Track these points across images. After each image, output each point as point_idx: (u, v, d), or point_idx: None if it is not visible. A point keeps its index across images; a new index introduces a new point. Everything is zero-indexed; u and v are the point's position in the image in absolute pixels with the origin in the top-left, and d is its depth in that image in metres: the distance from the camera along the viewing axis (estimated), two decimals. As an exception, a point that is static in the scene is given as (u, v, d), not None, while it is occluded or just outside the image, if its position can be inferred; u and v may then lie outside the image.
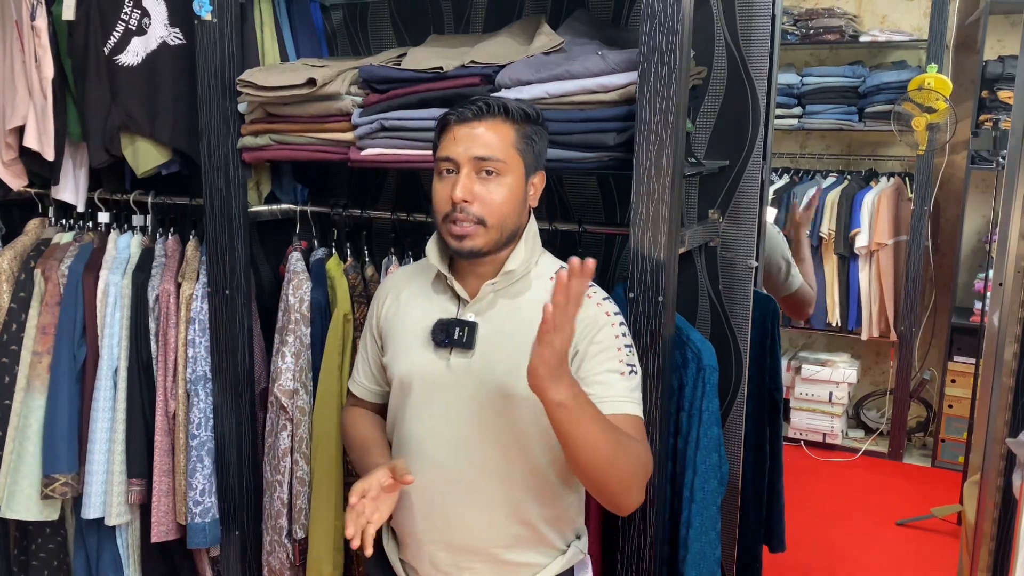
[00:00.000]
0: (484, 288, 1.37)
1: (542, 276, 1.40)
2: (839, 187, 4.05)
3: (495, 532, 1.37)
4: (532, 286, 1.39)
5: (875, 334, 4.05)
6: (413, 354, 1.41)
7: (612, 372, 1.31)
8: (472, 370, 1.36)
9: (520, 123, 1.35)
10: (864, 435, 4.28)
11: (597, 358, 1.32)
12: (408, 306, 1.46)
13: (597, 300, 1.37)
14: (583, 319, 1.29)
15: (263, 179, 2.04)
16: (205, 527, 2.02)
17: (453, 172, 1.33)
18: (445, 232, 1.35)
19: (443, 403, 1.38)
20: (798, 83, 4.18)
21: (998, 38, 3.93)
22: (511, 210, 1.35)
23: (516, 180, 1.35)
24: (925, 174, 3.82)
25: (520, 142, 1.35)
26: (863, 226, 3.93)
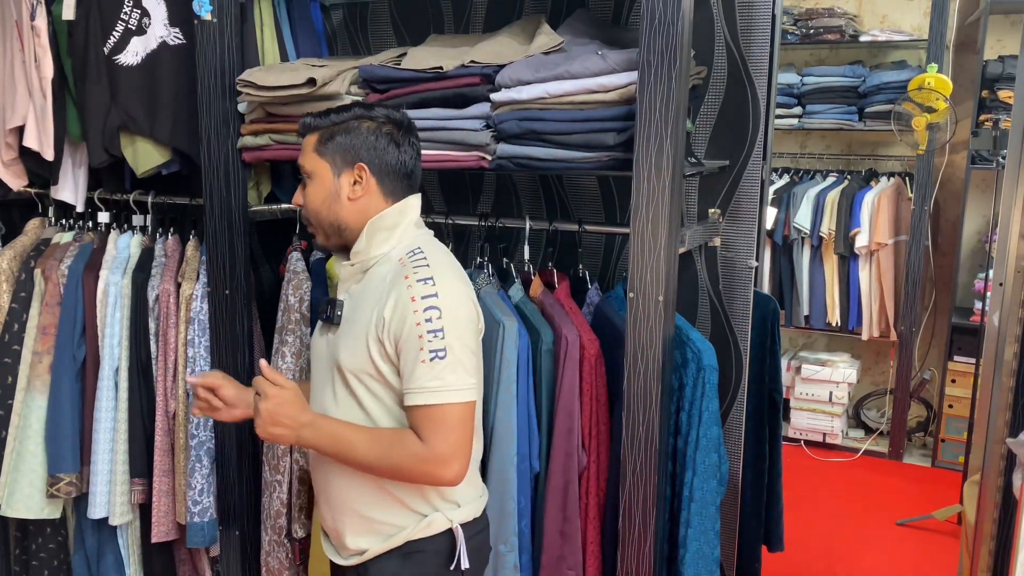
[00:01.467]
0: (343, 269, 1.51)
1: (390, 259, 1.47)
2: (839, 187, 4.05)
3: (354, 491, 1.48)
4: (379, 268, 1.47)
5: (875, 334, 4.05)
6: (315, 332, 1.59)
7: (414, 362, 1.38)
8: (331, 345, 1.49)
9: (323, 128, 1.47)
10: (864, 435, 4.28)
11: (403, 347, 1.39)
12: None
13: (411, 282, 1.40)
14: (394, 301, 1.39)
15: (263, 179, 2.04)
16: (203, 527, 2.02)
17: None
18: None
19: (319, 375, 1.54)
20: (798, 83, 4.18)
21: (998, 38, 3.93)
22: (322, 207, 1.48)
23: (322, 181, 1.47)
24: (925, 174, 3.82)
25: (320, 145, 1.47)
26: (863, 226, 3.93)
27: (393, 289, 1.41)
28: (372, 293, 1.45)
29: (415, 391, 1.38)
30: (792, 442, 4.21)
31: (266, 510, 1.98)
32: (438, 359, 1.37)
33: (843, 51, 4.26)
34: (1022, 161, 1.69)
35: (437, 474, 1.40)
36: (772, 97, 1.88)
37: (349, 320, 1.47)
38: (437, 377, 1.37)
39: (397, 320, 1.39)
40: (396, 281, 1.41)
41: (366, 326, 1.42)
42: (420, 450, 1.38)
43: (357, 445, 1.41)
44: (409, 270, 1.41)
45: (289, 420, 1.40)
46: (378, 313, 1.41)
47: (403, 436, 1.40)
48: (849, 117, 4.08)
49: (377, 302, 1.42)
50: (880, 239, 3.92)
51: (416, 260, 1.43)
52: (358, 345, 1.43)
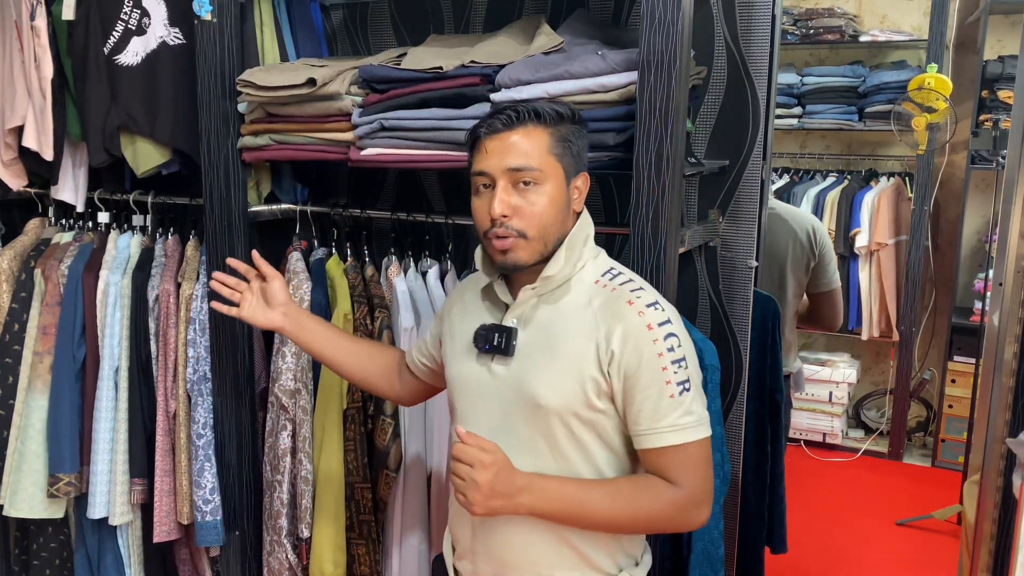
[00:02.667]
0: (523, 293, 1.32)
1: (584, 281, 1.32)
2: (839, 187, 4.05)
3: (535, 549, 1.32)
4: (572, 291, 1.32)
5: (875, 334, 4.05)
6: (462, 360, 1.39)
7: (658, 399, 1.24)
8: (510, 377, 1.31)
9: (554, 125, 1.29)
10: (864, 435, 4.28)
11: (641, 382, 1.24)
12: (463, 312, 1.43)
13: (639, 308, 1.26)
14: (624, 331, 1.25)
15: (263, 179, 2.04)
16: (216, 525, 2.02)
17: (489, 187, 1.29)
18: (488, 247, 1.31)
19: (485, 410, 1.34)
20: (798, 83, 4.18)
21: (998, 38, 3.93)
22: (552, 219, 1.29)
23: (556, 187, 1.29)
24: (925, 174, 3.82)
25: (556, 146, 1.29)
26: (863, 226, 3.93)
27: (615, 317, 1.25)
28: (571, 321, 1.28)
29: (665, 430, 1.23)
30: (792, 442, 4.21)
31: (267, 510, 1.98)
32: (686, 391, 1.24)
33: (843, 51, 4.26)
34: (1022, 161, 1.69)
35: (695, 519, 1.26)
36: (772, 97, 1.88)
37: (542, 352, 1.29)
38: (689, 412, 1.24)
39: (631, 352, 1.23)
40: (615, 307, 1.26)
41: (578, 360, 1.26)
42: (677, 495, 1.24)
43: (594, 503, 1.24)
44: (627, 294, 1.27)
45: (507, 488, 1.22)
46: (597, 345, 1.25)
47: (649, 483, 1.26)
48: (849, 117, 4.08)
49: (590, 332, 1.26)
50: (880, 239, 3.92)
51: (626, 282, 1.30)
52: (566, 380, 1.26)
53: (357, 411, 1.88)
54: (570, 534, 1.30)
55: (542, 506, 1.24)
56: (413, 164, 1.74)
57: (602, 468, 1.31)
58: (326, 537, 1.89)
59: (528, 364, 1.30)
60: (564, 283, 1.32)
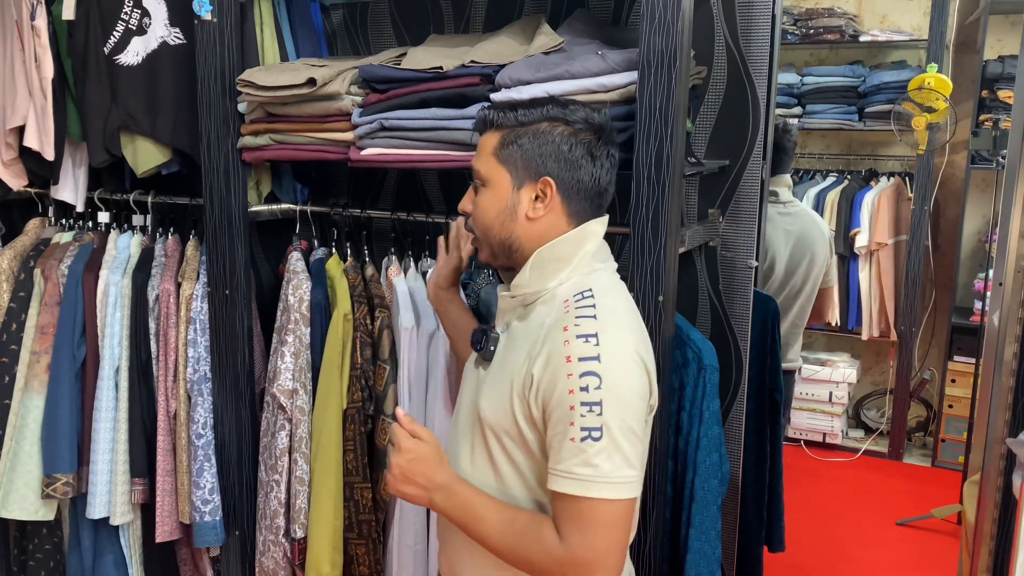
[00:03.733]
0: (502, 300, 1.31)
1: (557, 298, 1.23)
2: (839, 187, 4.05)
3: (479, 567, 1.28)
4: (540, 307, 1.24)
5: (875, 334, 4.05)
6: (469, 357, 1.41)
7: (561, 438, 1.13)
8: (479, 384, 1.30)
9: (507, 128, 1.24)
10: (864, 435, 4.28)
11: (553, 416, 1.15)
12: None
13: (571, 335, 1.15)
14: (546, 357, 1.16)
15: (263, 179, 2.04)
16: (216, 525, 2.02)
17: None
18: None
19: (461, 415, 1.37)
20: (798, 83, 4.18)
21: (998, 38, 3.93)
22: (490, 223, 1.26)
23: (497, 191, 1.24)
24: (925, 174, 3.82)
25: (501, 149, 1.23)
26: (863, 226, 3.93)
27: (548, 341, 1.16)
28: (528, 338, 1.21)
29: (560, 475, 1.13)
30: (792, 442, 4.21)
31: (262, 510, 1.98)
32: (591, 440, 1.10)
33: (843, 51, 4.26)
34: (1022, 161, 1.69)
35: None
36: (772, 97, 1.88)
37: (500, 363, 1.26)
38: (587, 463, 1.10)
39: (547, 381, 1.14)
40: (553, 331, 1.17)
41: (511, 378, 1.20)
42: (557, 549, 1.13)
43: (488, 525, 1.19)
44: (571, 320, 1.16)
45: (423, 480, 1.21)
46: (527, 367, 1.17)
47: (541, 527, 1.16)
48: (849, 117, 4.09)
49: (530, 352, 1.18)
50: (880, 239, 3.92)
51: (582, 307, 1.17)
52: (502, 398, 1.21)
53: (357, 411, 1.88)
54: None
55: (448, 510, 1.23)
56: (413, 164, 1.74)
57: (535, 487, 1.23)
58: (323, 537, 1.89)
59: (488, 374, 1.28)
60: (541, 299, 1.25)
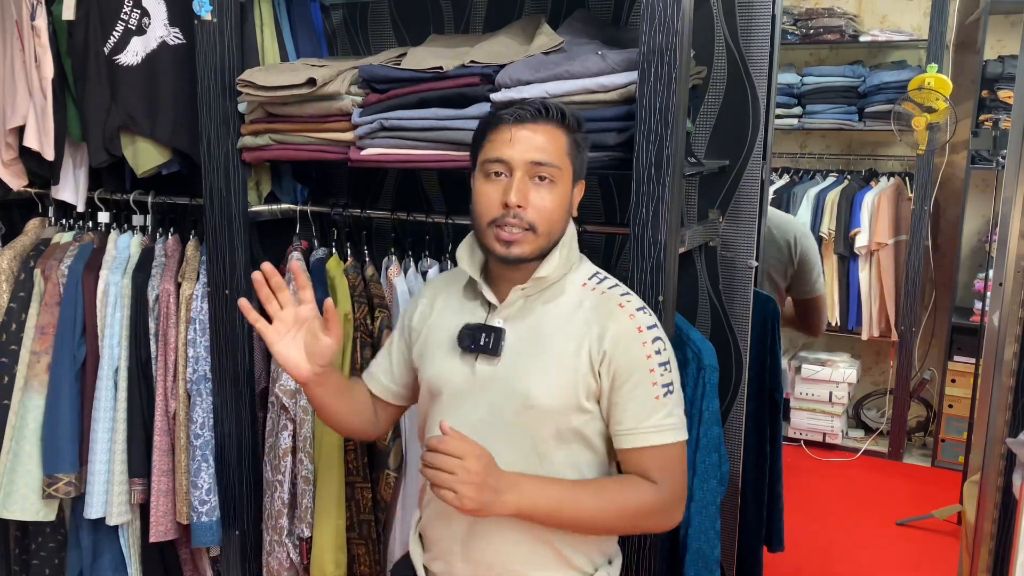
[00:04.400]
0: (513, 293, 1.33)
1: (575, 283, 1.35)
2: (839, 187, 4.05)
3: (514, 548, 1.32)
4: (565, 292, 1.34)
5: (875, 334, 4.05)
6: (442, 360, 1.38)
7: (644, 399, 1.28)
8: (497, 377, 1.32)
9: (573, 130, 1.33)
10: (864, 435, 4.28)
11: (630, 381, 1.28)
12: (441, 312, 1.43)
13: (630, 311, 1.30)
14: (615, 333, 1.28)
15: (263, 179, 2.04)
16: (211, 526, 2.02)
17: (503, 175, 1.29)
18: (490, 236, 1.30)
19: (468, 409, 1.34)
20: (798, 83, 4.18)
21: (998, 38, 3.93)
22: (559, 218, 1.31)
23: (565, 187, 1.32)
24: (925, 174, 3.82)
25: (572, 149, 1.32)
26: (863, 226, 3.93)
27: (607, 319, 1.29)
28: (562, 322, 1.31)
29: (649, 430, 1.27)
30: (792, 442, 4.21)
31: (267, 510, 1.98)
32: (670, 394, 1.28)
33: (843, 51, 4.26)
34: (1022, 161, 1.69)
35: (672, 519, 1.29)
36: (772, 97, 1.88)
37: (534, 353, 1.31)
38: (672, 414, 1.28)
39: (623, 353, 1.27)
40: (606, 309, 1.30)
41: (571, 361, 1.28)
42: (657, 494, 1.27)
43: (579, 502, 1.25)
44: (617, 297, 1.31)
45: (496, 483, 1.20)
46: (590, 346, 1.28)
47: (632, 482, 1.28)
48: (849, 117, 4.08)
49: (582, 334, 1.29)
50: (880, 239, 3.92)
51: (613, 286, 1.34)
52: (560, 382, 1.28)
53: (357, 411, 1.88)
54: (550, 534, 1.31)
55: (527, 505, 1.23)
56: (413, 164, 1.74)
57: (583, 470, 1.33)
58: (327, 537, 1.89)
59: (519, 364, 1.31)
60: (554, 284, 1.34)
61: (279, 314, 1.35)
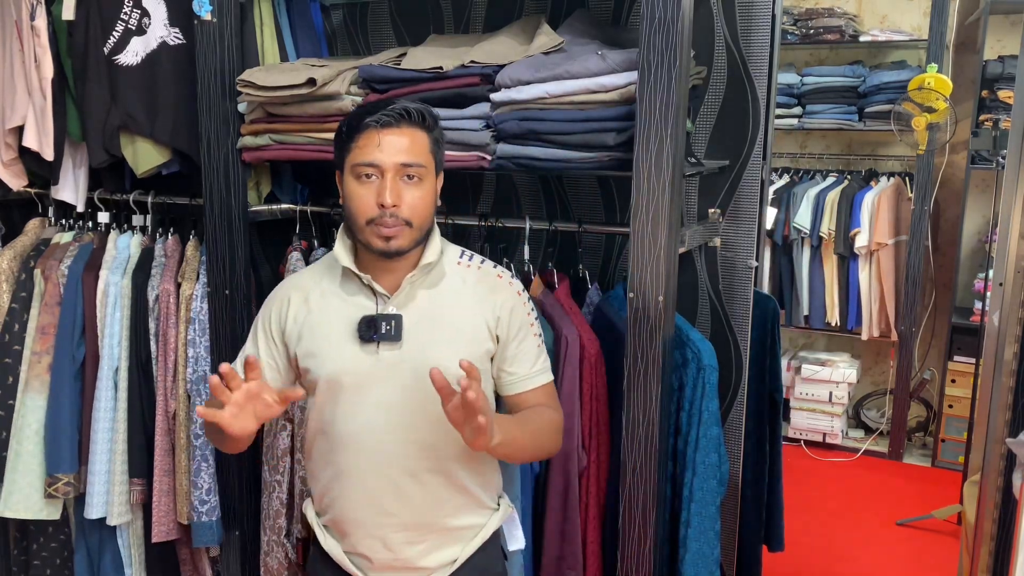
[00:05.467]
0: (405, 281, 1.43)
1: (450, 263, 1.50)
2: (839, 187, 4.05)
3: (439, 504, 1.45)
4: (446, 273, 1.48)
5: (875, 334, 4.05)
6: (340, 353, 1.43)
7: (530, 349, 1.49)
8: (404, 359, 1.42)
9: (432, 129, 1.43)
10: (864, 435, 4.28)
11: (518, 337, 1.48)
12: (321, 307, 1.47)
13: (507, 280, 1.51)
14: (504, 299, 1.47)
15: (263, 179, 2.04)
16: (212, 526, 2.02)
17: (374, 177, 1.38)
18: (369, 233, 1.39)
19: (377, 395, 1.42)
20: (798, 83, 4.18)
21: (998, 38, 3.93)
22: (429, 211, 1.43)
23: (431, 182, 1.43)
24: (925, 174, 3.82)
25: (433, 147, 1.43)
26: (863, 226, 3.92)
27: (494, 290, 1.47)
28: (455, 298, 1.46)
29: (538, 372, 1.49)
30: (792, 442, 4.21)
31: (265, 510, 1.98)
32: (542, 342, 1.52)
33: (843, 51, 4.26)
34: (1022, 161, 1.69)
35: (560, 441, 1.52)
36: (772, 97, 1.88)
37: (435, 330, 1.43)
38: (544, 358, 1.52)
39: (514, 315, 1.47)
40: (489, 282, 1.48)
41: (473, 331, 1.44)
42: (556, 417, 1.50)
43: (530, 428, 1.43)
44: (492, 270, 1.51)
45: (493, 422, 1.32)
46: (484, 314, 1.45)
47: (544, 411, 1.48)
48: (849, 117, 4.08)
49: (476, 305, 1.46)
50: (880, 239, 3.92)
51: (483, 262, 1.52)
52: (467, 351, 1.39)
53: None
54: (462, 479, 1.46)
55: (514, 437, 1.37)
56: (413, 164, 1.74)
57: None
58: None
59: (423, 343, 1.43)
60: (436, 268, 1.47)
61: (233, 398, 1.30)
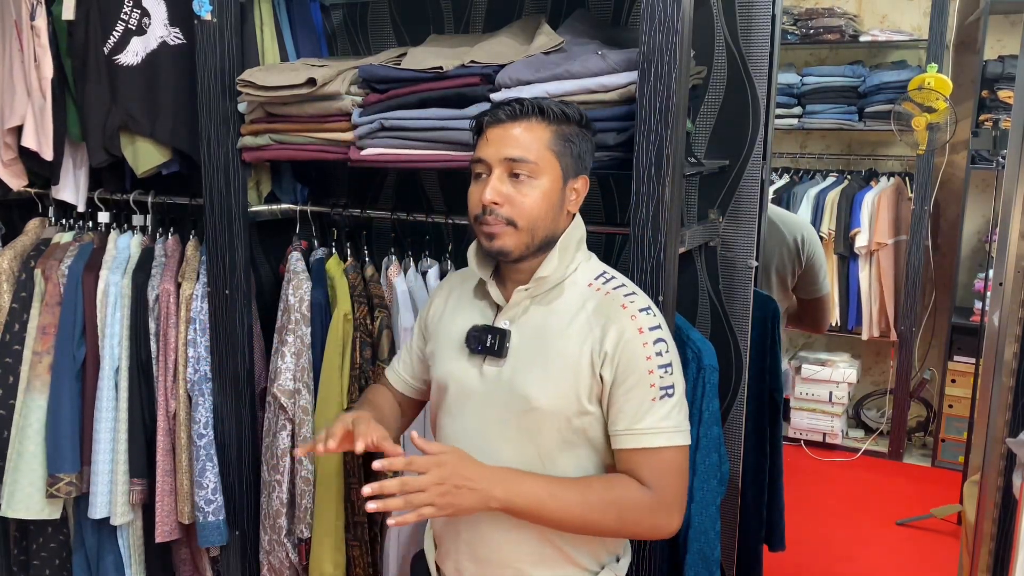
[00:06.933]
0: (516, 294, 1.34)
1: (578, 284, 1.35)
2: (839, 187, 4.05)
3: (518, 547, 1.33)
4: (565, 293, 1.34)
5: (875, 334, 4.05)
6: (451, 359, 1.39)
7: (641, 400, 1.27)
8: (502, 379, 1.33)
9: (557, 124, 1.31)
10: (864, 435, 4.28)
11: (626, 383, 1.27)
12: (453, 310, 1.44)
13: (632, 311, 1.29)
14: (617, 333, 1.27)
15: (263, 179, 2.04)
16: (218, 525, 2.02)
17: (485, 174, 1.31)
18: (478, 233, 1.33)
19: (473, 410, 1.35)
20: (798, 83, 4.18)
21: (998, 38, 3.93)
22: (543, 213, 1.30)
23: (551, 183, 1.30)
24: (925, 174, 3.82)
25: (556, 143, 1.31)
26: (863, 226, 3.93)
27: (609, 320, 1.28)
28: (565, 324, 1.30)
29: (645, 431, 1.26)
30: (792, 442, 4.21)
31: (265, 509, 1.98)
32: (668, 397, 1.27)
33: (843, 51, 4.26)
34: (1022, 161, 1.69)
35: (664, 525, 1.27)
36: (772, 97, 1.88)
37: (536, 354, 1.31)
38: (668, 417, 1.26)
39: (624, 353, 1.26)
40: (609, 311, 1.29)
41: (572, 364, 1.28)
42: (647, 497, 1.25)
43: (565, 496, 1.24)
44: (621, 298, 1.30)
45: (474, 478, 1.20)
46: (592, 348, 1.28)
47: (622, 482, 1.26)
48: (849, 117, 4.08)
49: (584, 335, 1.28)
50: (880, 239, 3.92)
51: (619, 287, 1.33)
52: (560, 385, 1.28)
53: (357, 411, 1.88)
54: (552, 533, 1.31)
55: (514, 499, 1.23)
56: (413, 164, 1.74)
57: (589, 470, 1.33)
58: (326, 538, 1.89)
59: (521, 366, 1.32)
60: (558, 285, 1.34)
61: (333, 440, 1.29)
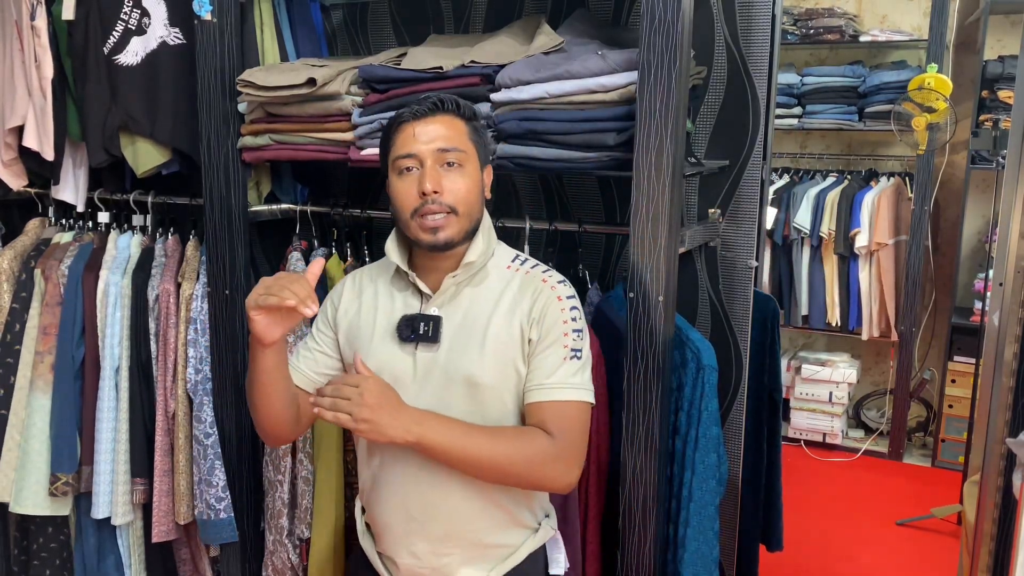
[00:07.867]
0: (446, 281, 1.39)
1: (499, 267, 1.43)
2: (839, 187, 4.05)
3: (472, 517, 1.39)
4: (490, 275, 1.42)
5: (875, 334, 4.05)
6: (380, 351, 1.41)
7: (554, 358, 1.35)
8: (439, 363, 1.38)
9: (469, 118, 1.41)
10: (864, 435, 4.28)
11: (545, 342, 1.36)
12: (372, 304, 1.46)
13: (552, 284, 1.40)
14: (541, 302, 1.37)
15: (263, 179, 2.04)
16: (231, 522, 2.02)
17: (414, 169, 1.36)
18: (415, 227, 1.36)
19: (412, 398, 1.37)
20: (798, 83, 4.18)
21: (998, 38, 3.93)
22: (476, 198, 1.39)
23: (474, 170, 1.39)
24: (925, 174, 3.82)
25: (472, 135, 1.40)
26: (863, 226, 3.92)
27: (533, 292, 1.38)
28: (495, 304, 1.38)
29: (555, 386, 1.34)
30: (792, 442, 4.21)
31: (269, 509, 1.98)
32: (576, 359, 1.36)
33: (843, 51, 4.26)
34: (1022, 161, 1.69)
35: (563, 474, 1.34)
36: (772, 97, 1.88)
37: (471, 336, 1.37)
38: (576, 375, 1.35)
39: (547, 317, 1.36)
40: (532, 285, 1.39)
41: (507, 340, 1.36)
42: (551, 446, 1.32)
43: (479, 438, 1.31)
44: (540, 275, 1.41)
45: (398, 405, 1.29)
46: (520, 318, 1.37)
47: (530, 431, 1.34)
48: (849, 117, 4.08)
49: (514, 311, 1.37)
50: (880, 239, 3.92)
51: (535, 266, 1.43)
52: (499, 361, 1.36)
53: (357, 411, 1.88)
54: (497, 494, 1.38)
55: (428, 434, 1.28)
56: (413, 164, 1.74)
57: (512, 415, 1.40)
58: (327, 538, 1.89)
59: (458, 348, 1.37)
60: (482, 268, 1.42)
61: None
